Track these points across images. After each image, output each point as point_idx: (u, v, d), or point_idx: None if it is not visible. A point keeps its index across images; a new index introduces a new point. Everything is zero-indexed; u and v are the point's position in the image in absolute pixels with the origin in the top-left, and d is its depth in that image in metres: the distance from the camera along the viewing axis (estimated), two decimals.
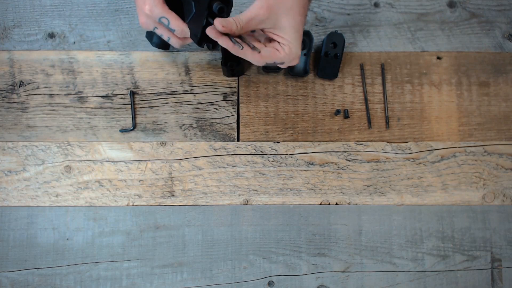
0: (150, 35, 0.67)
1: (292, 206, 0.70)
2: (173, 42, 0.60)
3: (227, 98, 0.72)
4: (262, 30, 0.57)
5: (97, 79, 0.71)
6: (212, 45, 0.58)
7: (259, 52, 0.56)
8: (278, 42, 0.57)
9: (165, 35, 0.60)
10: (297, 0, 0.55)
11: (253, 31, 0.59)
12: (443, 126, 0.72)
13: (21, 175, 0.69)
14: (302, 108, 0.72)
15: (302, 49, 0.71)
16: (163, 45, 0.67)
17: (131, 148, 0.70)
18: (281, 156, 0.71)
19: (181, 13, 0.59)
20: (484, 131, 0.72)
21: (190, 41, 0.61)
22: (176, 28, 0.57)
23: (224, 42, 0.55)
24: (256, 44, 0.57)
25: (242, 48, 0.55)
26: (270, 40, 0.58)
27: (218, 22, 0.53)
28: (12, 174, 0.69)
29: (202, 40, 0.58)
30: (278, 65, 0.60)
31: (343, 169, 0.71)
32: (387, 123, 0.72)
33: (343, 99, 0.72)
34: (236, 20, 0.54)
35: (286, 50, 0.57)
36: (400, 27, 0.74)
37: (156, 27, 0.59)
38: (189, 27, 0.58)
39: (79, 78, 0.71)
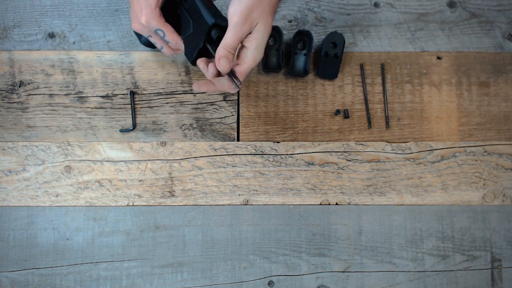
0: (139, 34, 0.67)
1: (292, 206, 0.70)
2: (165, 51, 0.60)
3: (227, 98, 0.72)
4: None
5: (97, 79, 0.71)
6: None
7: (239, 89, 0.56)
8: (245, 47, 0.55)
9: (158, 44, 0.60)
10: (270, 3, 0.54)
11: None
12: (443, 126, 0.72)
13: (21, 175, 0.69)
14: (302, 108, 0.72)
15: (302, 49, 0.71)
16: (152, 44, 0.67)
17: (131, 148, 0.70)
18: (281, 156, 0.71)
19: (177, 24, 0.58)
20: (484, 131, 0.72)
21: (182, 52, 0.60)
22: (171, 41, 0.57)
23: (218, 88, 0.57)
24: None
25: (240, 89, 0.56)
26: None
27: (221, 65, 0.52)
28: (12, 174, 0.69)
29: (196, 61, 0.57)
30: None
31: (343, 169, 0.71)
32: (387, 123, 0.72)
33: (343, 99, 0.72)
34: (227, 47, 0.52)
35: (253, 53, 0.55)
36: (400, 27, 0.74)
37: (150, 35, 0.59)
38: (184, 43, 0.57)
39: (79, 78, 0.71)
